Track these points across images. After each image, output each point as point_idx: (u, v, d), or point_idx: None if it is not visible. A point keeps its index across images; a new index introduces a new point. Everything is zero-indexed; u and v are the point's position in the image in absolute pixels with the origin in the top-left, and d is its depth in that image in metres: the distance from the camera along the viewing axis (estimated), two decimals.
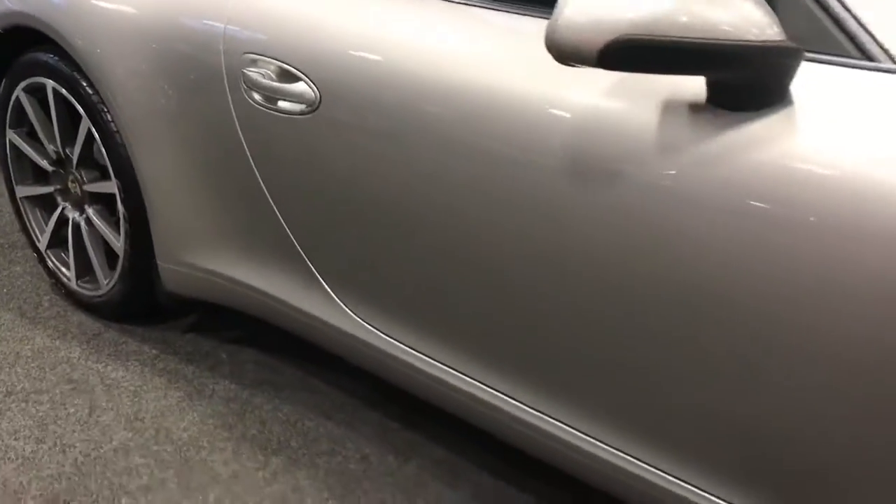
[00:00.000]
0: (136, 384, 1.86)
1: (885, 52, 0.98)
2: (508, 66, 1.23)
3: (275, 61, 1.45)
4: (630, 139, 1.09)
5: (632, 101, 1.09)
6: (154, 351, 1.97)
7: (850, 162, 0.94)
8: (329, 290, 1.61)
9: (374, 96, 1.35)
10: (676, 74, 1.00)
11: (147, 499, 1.54)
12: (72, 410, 1.77)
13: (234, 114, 1.56)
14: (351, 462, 1.66)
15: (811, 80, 1.00)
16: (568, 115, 1.14)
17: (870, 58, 0.99)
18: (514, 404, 1.37)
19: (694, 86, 1.03)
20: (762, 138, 0.99)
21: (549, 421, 1.34)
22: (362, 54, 1.37)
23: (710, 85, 1.01)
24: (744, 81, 0.99)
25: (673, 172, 1.05)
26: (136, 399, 1.81)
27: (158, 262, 1.86)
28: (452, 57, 1.29)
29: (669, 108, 1.06)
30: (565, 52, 0.95)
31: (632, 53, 0.93)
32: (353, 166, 1.42)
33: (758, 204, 0.99)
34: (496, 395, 1.39)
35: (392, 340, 1.53)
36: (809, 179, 0.96)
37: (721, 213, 1.02)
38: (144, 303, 2.00)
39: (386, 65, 1.34)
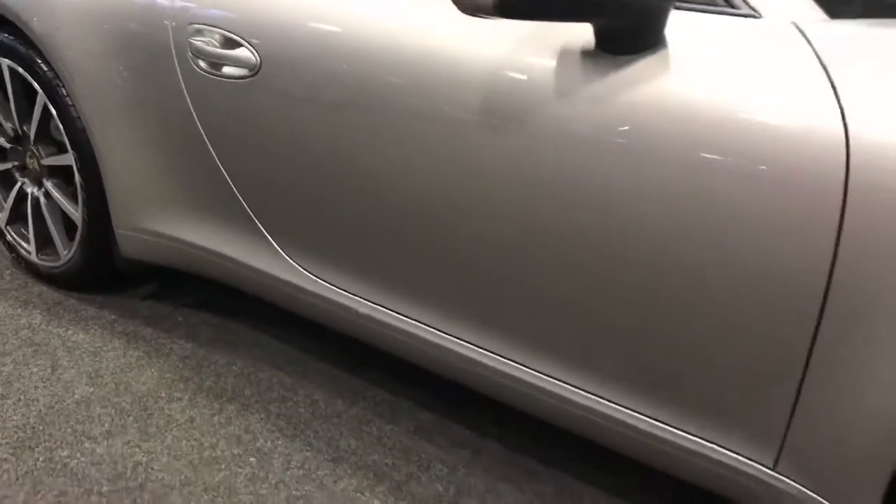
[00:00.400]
0: (97, 345, 1.96)
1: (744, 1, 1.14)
2: (431, 27, 1.36)
3: (218, 30, 1.58)
4: (535, 87, 1.23)
5: (537, 52, 1.24)
6: (113, 316, 2.08)
7: (717, 97, 1.09)
8: (277, 246, 1.73)
9: (310, 59, 1.47)
10: (566, 21, 1.14)
11: (108, 442, 1.64)
12: (35, 370, 1.86)
13: (182, 82, 1.68)
14: (301, 406, 1.78)
15: (684, 25, 1.15)
16: (483, 70, 1.28)
17: (731, 5, 1.15)
18: (450, 339, 1.50)
19: (586, 34, 1.18)
20: (643, 78, 1.14)
21: (482, 352, 1.47)
22: (299, 20, 1.49)
23: (597, 32, 1.16)
24: (625, 28, 1.14)
25: (571, 115, 1.20)
26: (97, 358, 1.91)
27: (115, 229, 1.97)
28: (381, 21, 1.42)
29: (566, 55, 1.21)
30: (467, 4, 1.09)
31: (525, 2, 1.07)
32: (292, 125, 1.54)
33: (642, 139, 1.14)
34: (433, 332, 1.53)
35: (338, 289, 1.66)
36: (683, 114, 1.11)
37: (613, 150, 1.16)
38: (103, 271, 2.10)
39: (320, 29, 1.47)
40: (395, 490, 1.54)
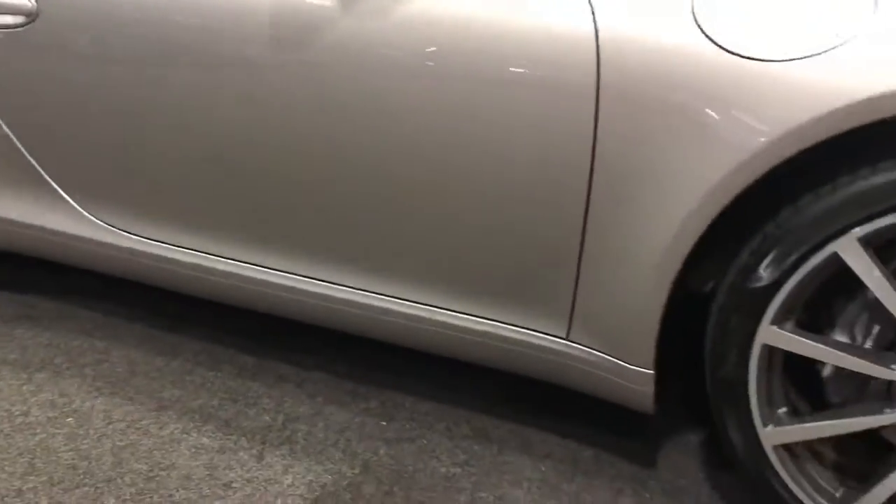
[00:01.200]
0: None
1: None
2: None
3: None
4: (322, 11, 1.29)
5: None
6: None
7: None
8: (75, 204, 1.68)
9: (90, 2, 1.45)
10: None
11: None
12: None
13: None
14: (118, 367, 1.74)
15: None
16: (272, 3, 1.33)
17: None
18: (262, 270, 1.54)
19: None
20: None
21: (295, 278, 1.52)
22: None
23: None
24: None
25: (359, 30, 1.27)
26: None
27: None
28: None
29: None
30: None
31: None
32: (77, 73, 1.51)
33: (431, 50, 1.23)
34: (239, 265, 1.56)
35: (143, 239, 1.64)
36: (447, 24, 1.22)
37: (399, 63, 1.26)
38: None
39: None
40: (223, 427, 1.56)
